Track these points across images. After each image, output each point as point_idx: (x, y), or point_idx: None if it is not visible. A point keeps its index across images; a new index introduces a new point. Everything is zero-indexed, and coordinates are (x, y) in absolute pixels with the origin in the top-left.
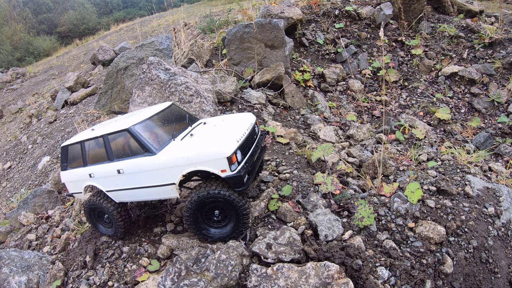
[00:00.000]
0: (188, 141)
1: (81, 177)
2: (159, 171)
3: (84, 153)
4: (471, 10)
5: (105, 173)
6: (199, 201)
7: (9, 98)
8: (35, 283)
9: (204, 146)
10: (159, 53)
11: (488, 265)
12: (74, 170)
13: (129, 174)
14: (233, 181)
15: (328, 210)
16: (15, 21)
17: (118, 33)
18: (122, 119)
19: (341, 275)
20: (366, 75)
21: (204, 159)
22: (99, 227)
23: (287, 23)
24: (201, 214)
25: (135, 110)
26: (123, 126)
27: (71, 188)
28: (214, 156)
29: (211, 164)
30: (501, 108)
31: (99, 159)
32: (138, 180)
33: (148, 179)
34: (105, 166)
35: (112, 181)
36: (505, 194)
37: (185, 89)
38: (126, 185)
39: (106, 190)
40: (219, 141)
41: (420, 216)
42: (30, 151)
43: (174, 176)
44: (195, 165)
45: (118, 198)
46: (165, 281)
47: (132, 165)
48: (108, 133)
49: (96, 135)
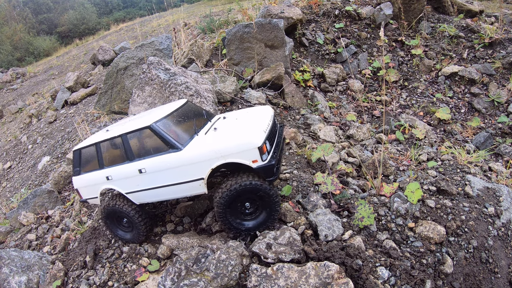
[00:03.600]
0: (213, 135)
1: (97, 181)
2: (187, 167)
3: (100, 155)
4: (471, 10)
5: (124, 174)
6: (231, 194)
7: (9, 98)
8: (35, 283)
9: (233, 138)
10: (159, 53)
11: (488, 265)
12: (88, 174)
13: (152, 173)
14: (265, 170)
15: (328, 210)
16: (15, 21)
17: (118, 33)
18: (137, 118)
19: (341, 275)
20: (366, 75)
21: (234, 151)
22: (118, 232)
23: (287, 23)
24: (231, 208)
25: (134, 110)
26: (143, 123)
27: (85, 194)
28: (245, 146)
29: (242, 155)
30: (501, 108)
31: (117, 160)
32: (162, 178)
33: (174, 176)
34: (124, 167)
35: (133, 182)
36: (505, 194)
37: (185, 89)
38: (149, 185)
39: (125, 192)
40: (247, 132)
41: (420, 216)
42: (30, 151)
43: (202, 171)
44: (225, 157)
45: (138, 199)
46: (165, 281)
47: (155, 163)
48: (127, 132)
49: (113, 135)
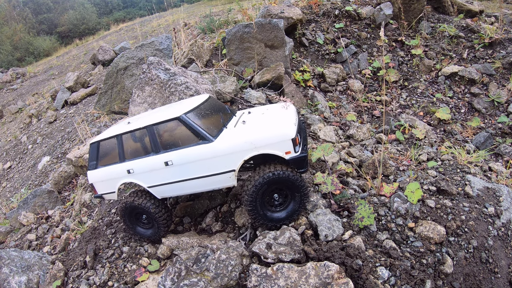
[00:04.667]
0: (244, 127)
1: (117, 175)
2: (218, 158)
3: (121, 147)
4: (471, 10)
5: (148, 167)
6: (263, 183)
7: (9, 98)
8: (35, 283)
9: (267, 130)
10: (159, 53)
11: (488, 265)
12: (106, 167)
13: (180, 165)
14: (297, 162)
15: (328, 210)
16: (15, 21)
17: (118, 33)
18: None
19: (341, 275)
20: (366, 75)
21: (269, 142)
22: (137, 230)
23: (287, 23)
24: (262, 199)
25: (134, 110)
26: (171, 115)
27: (101, 189)
28: (280, 138)
29: (276, 147)
30: (501, 108)
31: (140, 153)
32: (191, 170)
33: (205, 168)
34: (149, 160)
35: (157, 175)
36: (505, 194)
37: (185, 89)
38: (175, 178)
39: (147, 186)
40: (280, 124)
41: (420, 216)
42: (30, 151)
43: (234, 163)
44: (259, 148)
45: (161, 193)
46: (165, 281)
47: (184, 155)
48: (154, 123)
49: (138, 126)
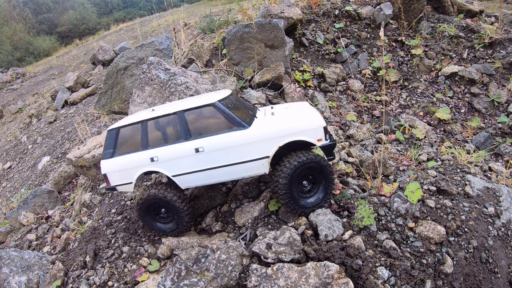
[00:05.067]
0: (275, 117)
1: (138, 163)
2: (253, 145)
3: (145, 134)
4: (471, 10)
5: (176, 155)
6: (298, 167)
7: (9, 98)
8: (35, 283)
9: (300, 118)
10: (159, 53)
11: (488, 265)
12: (126, 156)
13: (212, 151)
14: (327, 149)
15: (328, 210)
16: (15, 21)
17: (118, 33)
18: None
19: (341, 275)
20: (366, 75)
21: (303, 129)
22: (155, 225)
23: (287, 23)
24: (295, 183)
25: (134, 110)
26: (205, 101)
27: (115, 179)
28: (314, 125)
29: (310, 134)
30: (501, 108)
31: (167, 140)
32: (224, 157)
33: (239, 154)
34: (177, 147)
35: (185, 162)
36: (505, 194)
37: (185, 89)
38: (204, 166)
39: (172, 175)
40: (310, 114)
41: (420, 216)
42: (30, 151)
43: (269, 149)
44: (293, 135)
45: (186, 183)
46: (165, 281)
47: (217, 141)
48: (185, 109)
49: (167, 112)
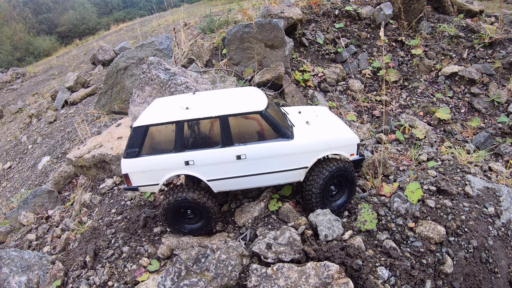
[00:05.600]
0: (313, 128)
1: (170, 165)
2: (296, 156)
3: (180, 135)
4: (471, 10)
5: (215, 160)
6: (330, 176)
7: (9, 98)
8: (35, 283)
9: (338, 133)
10: (159, 53)
11: (488, 265)
12: (155, 157)
13: (255, 159)
14: (357, 163)
15: (328, 210)
16: (15, 21)
17: (118, 33)
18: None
19: (341, 275)
20: (366, 75)
21: (341, 145)
22: (182, 226)
23: (287, 23)
24: (325, 189)
25: (134, 110)
26: (250, 108)
27: (139, 180)
28: (350, 141)
29: (345, 149)
30: (501, 108)
31: (206, 143)
32: (265, 165)
33: (281, 164)
34: (217, 152)
35: (224, 168)
36: (505, 194)
37: (185, 89)
38: (244, 172)
39: (207, 179)
40: (344, 129)
41: (420, 216)
42: (30, 151)
43: (309, 160)
44: (332, 149)
45: (220, 187)
46: (165, 281)
47: (262, 150)
48: (230, 114)
49: (207, 115)
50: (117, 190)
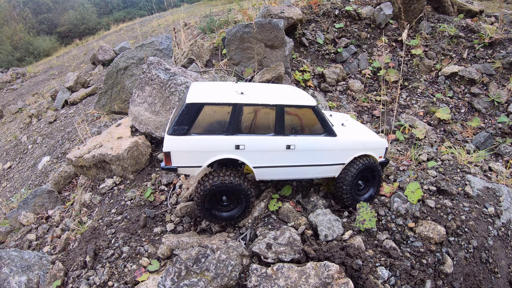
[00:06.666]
0: (349, 130)
1: (219, 148)
2: (337, 152)
3: (235, 119)
4: (471, 10)
5: (266, 147)
6: (358, 173)
7: (9, 98)
8: (35, 283)
9: (373, 137)
10: (159, 53)
11: (488, 265)
12: (205, 137)
13: (302, 151)
14: (383, 165)
15: (328, 210)
16: (15, 21)
17: (118, 33)
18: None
19: (341, 275)
20: (366, 75)
21: (374, 147)
22: (215, 214)
23: (287, 23)
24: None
25: (134, 110)
26: (304, 102)
27: (181, 160)
28: (382, 145)
29: (376, 151)
30: (501, 108)
31: (259, 130)
32: (310, 158)
33: (324, 158)
34: (269, 139)
35: (272, 156)
36: (505, 194)
37: (185, 89)
38: (290, 162)
39: (254, 166)
40: (375, 134)
41: (420, 216)
42: (30, 151)
43: (347, 157)
44: (367, 150)
45: (263, 175)
46: (165, 281)
47: (310, 143)
48: (286, 104)
49: (265, 102)
50: (117, 190)
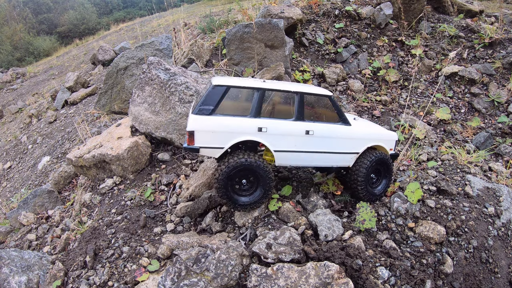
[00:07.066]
0: (361, 123)
1: (242, 129)
2: (352, 141)
3: (258, 102)
4: (471, 10)
5: (286, 131)
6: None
7: (9, 98)
8: (35, 283)
9: (384, 129)
10: (159, 53)
11: (488, 265)
12: (229, 118)
13: (320, 137)
14: (393, 157)
15: (328, 210)
16: (15, 21)
17: (118, 33)
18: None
19: (341, 275)
20: (366, 75)
21: (386, 138)
22: (234, 197)
23: (287, 23)
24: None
25: (134, 110)
26: (322, 91)
27: (205, 140)
28: (392, 137)
29: (387, 143)
30: (501, 108)
31: (280, 115)
32: (327, 144)
33: (339, 145)
34: (289, 124)
35: (292, 141)
36: (505, 194)
37: (185, 89)
38: (309, 148)
39: (274, 150)
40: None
41: (420, 216)
42: (30, 151)
43: (360, 147)
44: (379, 141)
45: (282, 160)
46: (165, 281)
47: (327, 129)
48: (306, 92)
49: (287, 88)
50: (117, 190)
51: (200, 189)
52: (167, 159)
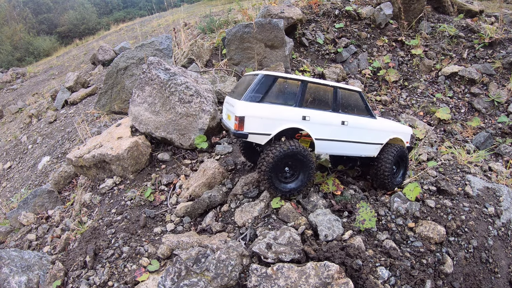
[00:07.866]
0: (379, 118)
1: (289, 117)
2: (378, 132)
3: (302, 93)
4: (471, 10)
5: (325, 121)
6: (400, 152)
7: (9, 98)
8: (35, 283)
9: (401, 124)
10: (159, 53)
11: (488, 265)
12: (277, 106)
13: (352, 128)
14: (409, 149)
15: (328, 210)
16: (15, 21)
17: (118, 33)
18: None
19: (341, 275)
20: (366, 75)
21: (404, 132)
22: (276, 183)
23: (287, 23)
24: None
25: (134, 110)
26: (354, 87)
27: (254, 127)
28: (408, 131)
29: (405, 136)
30: (501, 108)
31: (320, 106)
32: (358, 135)
33: (368, 136)
34: (328, 114)
35: (329, 130)
36: (505, 194)
37: (185, 89)
38: (343, 137)
39: (315, 138)
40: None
41: (420, 216)
42: (30, 151)
43: (384, 138)
44: (398, 134)
45: (321, 148)
46: (165, 281)
47: (358, 121)
48: (340, 87)
49: (326, 83)
50: (117, 190)
51: (200, 189)
52: (167, 159)
